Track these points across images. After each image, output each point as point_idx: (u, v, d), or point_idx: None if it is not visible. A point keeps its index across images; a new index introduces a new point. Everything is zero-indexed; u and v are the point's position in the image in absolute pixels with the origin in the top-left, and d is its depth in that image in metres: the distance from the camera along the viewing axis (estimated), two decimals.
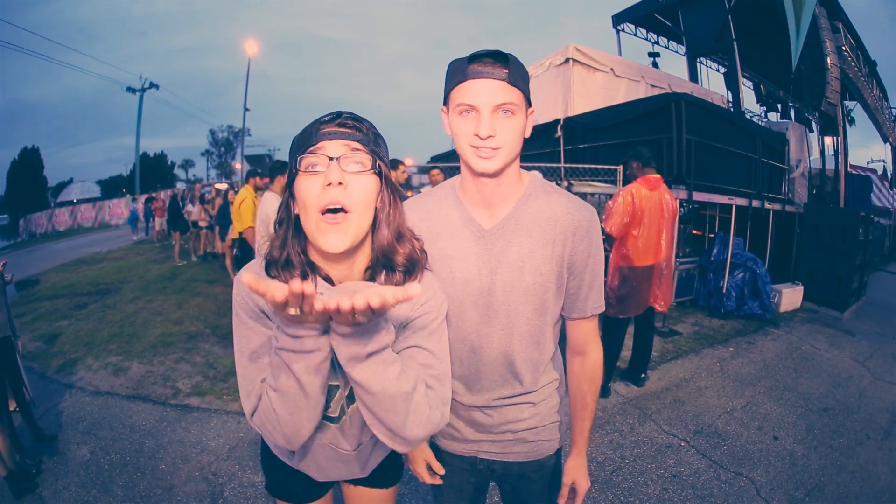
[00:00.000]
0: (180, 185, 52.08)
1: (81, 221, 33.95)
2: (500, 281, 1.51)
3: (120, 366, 6.05)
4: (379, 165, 1.26)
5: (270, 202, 5.34)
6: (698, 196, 7.04)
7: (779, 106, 17.92)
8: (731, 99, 14.21)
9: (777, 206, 8.61)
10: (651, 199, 4.48)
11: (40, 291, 11.21)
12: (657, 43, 17.60)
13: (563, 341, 1.72)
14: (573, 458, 1.72)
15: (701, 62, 16.43)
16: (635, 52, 17.69)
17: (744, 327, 6.54)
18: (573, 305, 1.59)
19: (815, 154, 13.55)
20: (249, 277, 0.94)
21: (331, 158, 1.19)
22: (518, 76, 1.35)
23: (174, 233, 14.16)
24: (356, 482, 1.74)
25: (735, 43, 13.13)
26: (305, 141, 1.23)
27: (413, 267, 1.34)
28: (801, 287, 7.67)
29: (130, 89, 36.27)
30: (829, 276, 7.65)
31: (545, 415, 1.69)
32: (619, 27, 17.41)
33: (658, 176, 4.60)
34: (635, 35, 17.53)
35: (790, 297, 7.42)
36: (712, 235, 7.93)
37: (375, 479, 1.72)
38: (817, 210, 8.81)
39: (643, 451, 3.75)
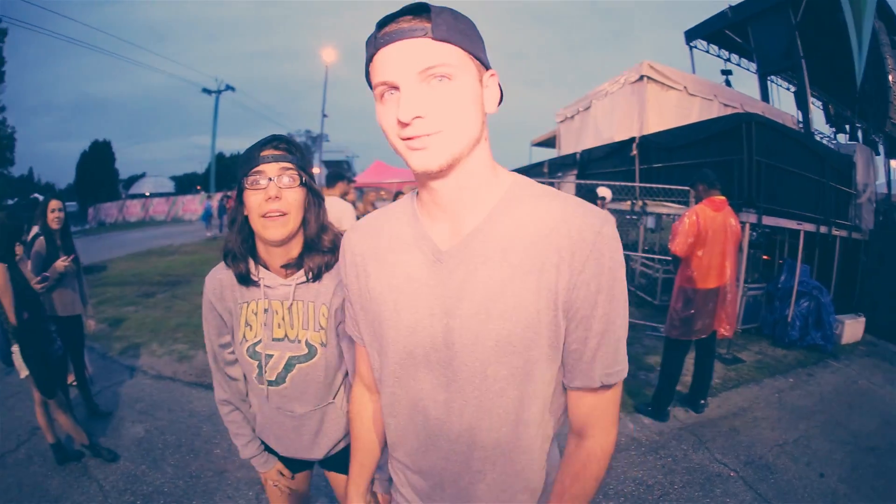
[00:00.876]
0: None
1: (153, 214, 35.33)
2: (459, 328, 1.05)
3: (185, 354, 6.39)
4: (305, 180, 1.63)
5: (335, 206, 5.58)
6: (768, 220, 6.92)
7: (847, 127, 17.21)
8: (800, 119, 13.89)
9: (843, 233, 8.34)
10: (715, 221, 4.54)
11: (107, 277, 11.82)
12: (729, 60, 17.23)
13: None
14: None
15: (772, 80, 16.00)
16: (709, 69, 17.46)
17: (805, 358, 6.40)
18: (574, 367, 1.08)
19: (882, 178, 13.12)
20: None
21: (270, 179, 1.55)
22: (450, 29, 0.95)
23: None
24: (330, 466, 1.98)
25: (803, 60, 12.71)
26: (249, 162, 1.57)
27: (336, 248, 1.69)
28: (864, 318, 7.36)
29: (206, 90, 37.42)
30: (893, 308, 7.37)
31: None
32: (691, 43, 17.13)
33: (723, 198, 4.65)
34: (707, 52, 17.21)
35: (852, 328, 7.16)
36: (781, 261, 7.74)
37: (344, 463, 1.70)
38: (883, 237, 8.47)
39: (693, 479, 3.79)
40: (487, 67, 1.03)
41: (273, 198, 1.55)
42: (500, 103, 1.07)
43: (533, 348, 1.04)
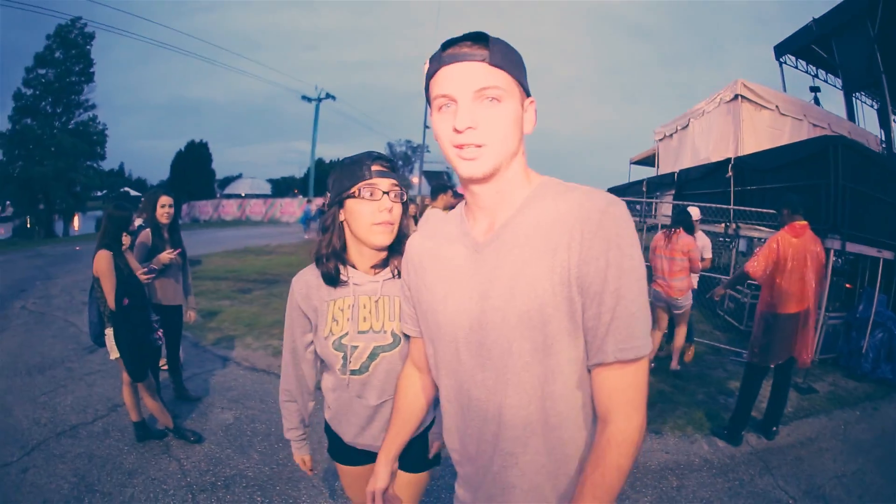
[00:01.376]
0: None
1: (250, 215, 36.29)
2: (491, 309, 1.18)
3: (280, 349, 6.57)
4: (405, 197, 1.82)
5: (435, 217, 5.77)
6: (851, 247, 6.75)
7: None
8: (883, 138, 13.44)
9: None
10: (796, 247, 4.54)
11: (202, 272, 12.07)
12: (817, 76, 16.76)
13: None
14: None
15: (857, 97, 15.49)
16: (799, 86, 17.05)
17: (874, 392, 6.22)
18: (591, 344, 1.14)
19: None
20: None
21: (384, 192, 1.73)
22: (503, 58, 1.12)
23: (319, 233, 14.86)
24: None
25: (884, 76, 12.28)
26: (360, 174, 1.73)
27: None
28: None
29: (306, 98, 38.29)
30: None
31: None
32: (781, 59, 16.74)
33: (805, 223, 4.64)
34: (796, 67, 16.77)
35: None
36: (861, 291, 7.43)
37: (406, 461, 1.85)
38: None
39: (754, 503, 3.86)
40: (528, 94, 1.21)
41: (387, 210, 1.73)
42: (534, 126, 1.23)
43: (551, 323, 1.12)
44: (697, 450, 4.62)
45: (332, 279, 1.84)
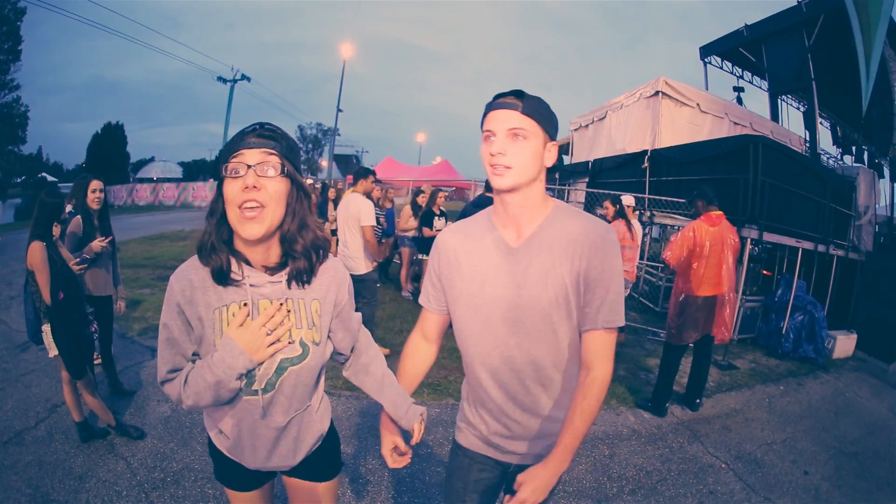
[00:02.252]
0: None
1: (163, 199, 34.83)
2: (525, 295, 1.65)
3: None
4: (288, 170, 1.50)
5: (354, 202, 5.74)
6: (768, 237, 7.23)
7: (853, 149, 17.52)
8: (808, 139, 14.17)
9: (841, 252, 8.65)
10: (712, 235, 4.89)
11: (121, 259, 11.14)
12: (742, 77, 17.47)
13: None
14: (540, 465, 1.61)
15: (783, 99, 16.28)
16: (721, 85, 17.72)
17: (797, 369, 6.71)
18: (585, 317, 1.65)
19: (885, 201, 13.51)
20: None
21: (249, 166, 1.43)
22: (533, 109, 1.55)
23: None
24: (292, 473, 1.85)
25: (814, 83, 13.02)
26: (231, 148, 1.47)
27: (316, 251, 1.61)
28: (855, 335, 7.69)
29: (221, 79, 37.20)
30: (883, 327, 7.62)
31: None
32: (706, 59, 17.40)
33: (720, 213, 5.02)
34: (721, 68, 17.43)
35: (844, 344, 7.47)
36: (779, 277, 8.03)
37: (311, 471, 1.85)
38: (879, 259, 8.82)
39: (687, 468, 4.10)
40: (552, 139, 1.64)
41: (250, 187, 1.43)
42: (556, 162, 1.68)
43: (569, 304, 1.64)
44: (624, 421, 4.91)
45: (223, 276, 1.53)
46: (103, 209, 4.58)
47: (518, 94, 1.59)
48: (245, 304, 1.54)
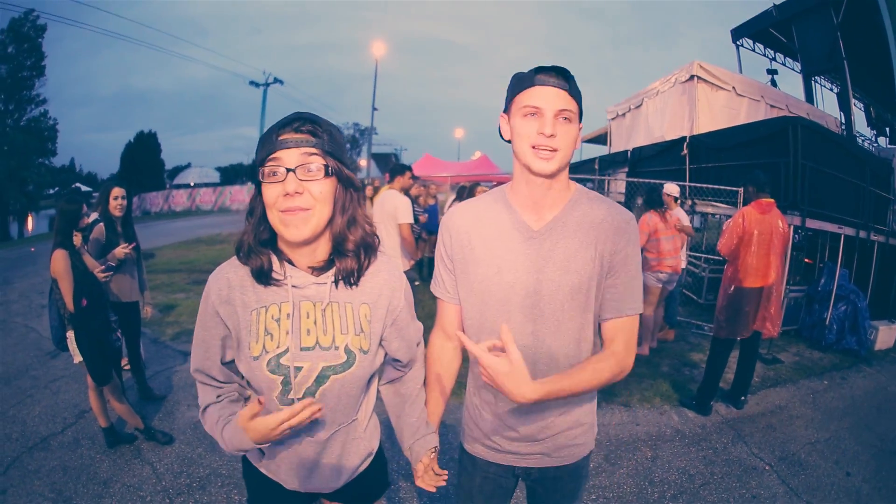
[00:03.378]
0: None
1: (200, 204, 35.63)
2: (546, 280, 1.57)
3: None
4: (332, 169, 1.36)
5: (390, 199, 5.64)
6: (811, 223, 7.00)
7: (887, 130, 17.07)
8: (843, 121, 13.76)
9: (881, 238, 8.27)
10: (762, 223, 4.66)
11: (156, 265, 11.70)
12: (774, 59, 17.04)
13: None
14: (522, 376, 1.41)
15: (816, 81, 15.84)
16: (755, 68, 17.34)
17: (840, 362, 6.47)
18: (609, 305, 1.60)
19: None
20: None
21: (288, 170, 1.30)
22: (576, 91, 1.50)
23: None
24: (334, 497, 1.69)
25: (845, 62, 12.64)
26: (266, 147, 1.32)
27: (365, 250, 1.49)
28: None
29: (254, 83, 37.57)
30: None
31: (582, 417, 1.74)
32: (738, 42, 17.00)
33: (771, 200, 4.76)
34: (753, 51, 17.00)
35: (886, 335, 7.13)
36: (822, 265, 7.72)
37: (355, 494, 1.71)
38: None
39: (731, 470, 3.93)
40: (581, 121, 1.56)
41: (292, 193, 1.31)
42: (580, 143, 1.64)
43: (590, 290, 1.58)
44: (668, 421, 4.73)
45: (264, 276, 1.44)
46: (126, 216, 4.61)
47: (564, 72, 1.50)
48: (260, 402, 1.34)
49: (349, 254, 1.46)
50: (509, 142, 1.59)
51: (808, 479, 3.89)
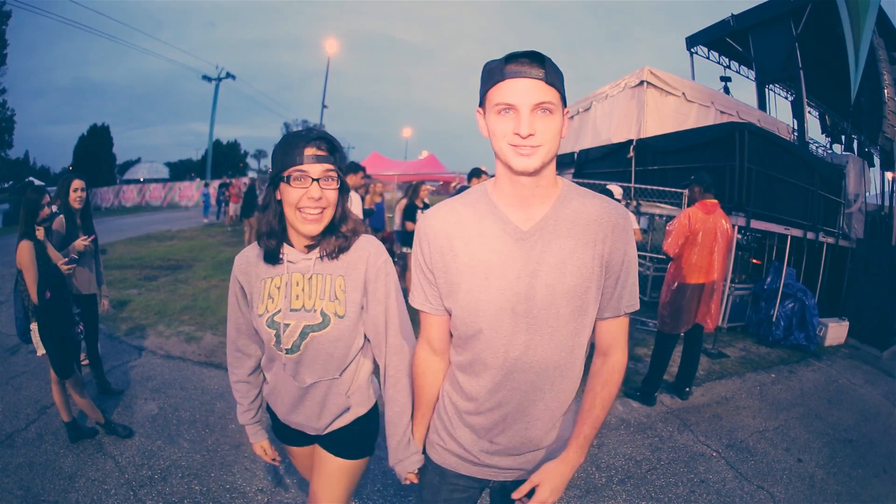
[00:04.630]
0: (252, 174, 53.53)
1: (150, 200, 34.97)
2: (540, 284, 1.47)
3: (192, 335, 6.47)
4: (343, 181, 1.80)
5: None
6: (756, 224, 7.22)
7: (842, 138, 17.49)
8: (796, 128, 14.19)
9: (831, 240, 8.65)
10: (706, 222, 4.87)
11: (108, 260, 11.31)
12: (729, 67, 17.44)
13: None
14: (557, 461, 1.59)
15: (770, 89, 16.22)
16: (708, 75, 17.68)
17: (788, 357, 6.72)
18: (607, 304, 1.55)
19: (875, 189, 13.47)
20: None
21: (314, 180, 1.68)
22: (554, 76, 1.35)
23: (246, 220, 14.52)
24: (322, 444, 2.05)
25: (801, 71, 12.97)
26: (291, 157, 1.67)
27: (353, 234, 1.87)
28: (847, 323, 7.68)
29: (206, 77, 36.98)
30: (875, 314, 7.65)
31: (565, 431, 1.67)
32: (692, 49, 17.35)
33: (715, 201, 4.98)
34: (708, 58, 17.35)
35: (835, 331, 7.47)
36: (769, 265, 8.01)
37: (338, 447, 2.02)
38: (869, 246, 8.78)
39: (678, 456, 4.09)
40: (565, 106, 1.44)
41: (315, 198, 1.69)
42: (567, 131, 1.48)
43: (587, 293, 1.49)
44: (613, 410, 4.82)
45: (273, 256, 1.85)
46: (86, 208, 4.56)
47: (538, 58, 1.36)
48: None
49: (339, 235, 1.83)
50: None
51: (757, 465, 4.07)
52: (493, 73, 1.39)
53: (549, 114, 1.37)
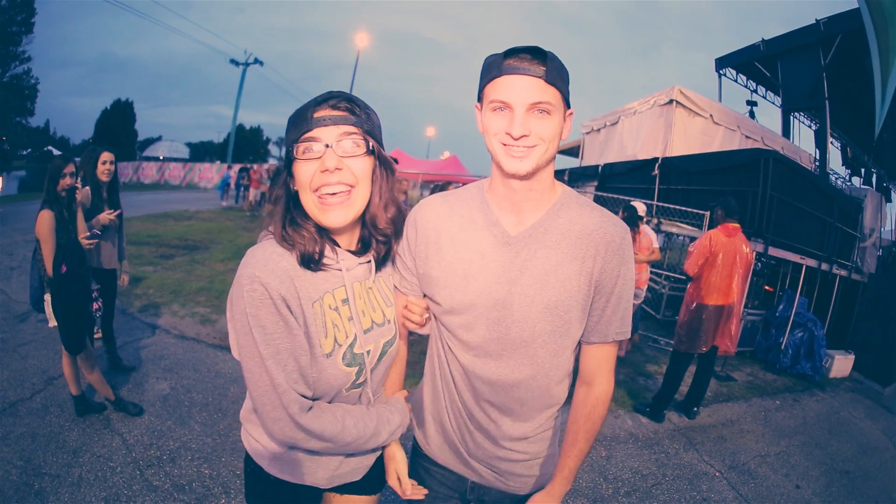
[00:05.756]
0: (273, 161, 53.53)
1: (169, 178, 34.98)
2: (518, 293, 1.37)
3: (207, 317, 6.42)
4: (373, 146, 1.31)
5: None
6: (774, 251, 7.23)
7: (862, 171, 17.53)
8: (818, 158, 14.18)
9: (844, 273, 8.64)
10: (727, 246, 4.90)
11: (125, 236, 11.61)
12: (756, 91, 17.49)
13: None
14: (543, 493, 1.53)
15: (795, 116, 16.31)
16: (734, 98, 17.70)
17: (793, 385, 6.73)
18: (594, 328, 1.43)
19: (890, 225, 13.46)
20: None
21: (327, 146, 1.24)
22: (556, 75, 1.25)
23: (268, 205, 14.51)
24: (344, 489, 1.60)
25: (827, 102, 13.05)
26: (300, 125, 1.25)
27: (398, 232, 1.50)
28: (853, 356, 7.63)
29: (234, 62, 36.96)
30: (880, 350, 7.61)
31: (540, 449, 1.56)
32: (721, 71, 17.42)
33: (737, 225, 5.01)
34: (735, 81, 17.43)
35: (841, 363, 7.45)
36: (781, 293, 8.00)
37: (364, 484, 1.62)
38: (881, 281, 8.78)
39: (682, 474, 4.13)
40: (569, 107, 1.35)
41: (331, 170, 1.25)
42: (569, 134, 1.40)
43: (570, 311, 1.38)
44: (622, 424, 4.92)
45: (315, 261, 1.33)
46: (113, 182, 4.54)
47: (539, 54, 1.26)
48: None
49: (380, 236, 1.44)
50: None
51: (757, 488, 4.10)
52: (491, 68, 1.30)
53: (546, 115, 1.28)
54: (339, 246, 1.39)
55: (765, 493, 4.06)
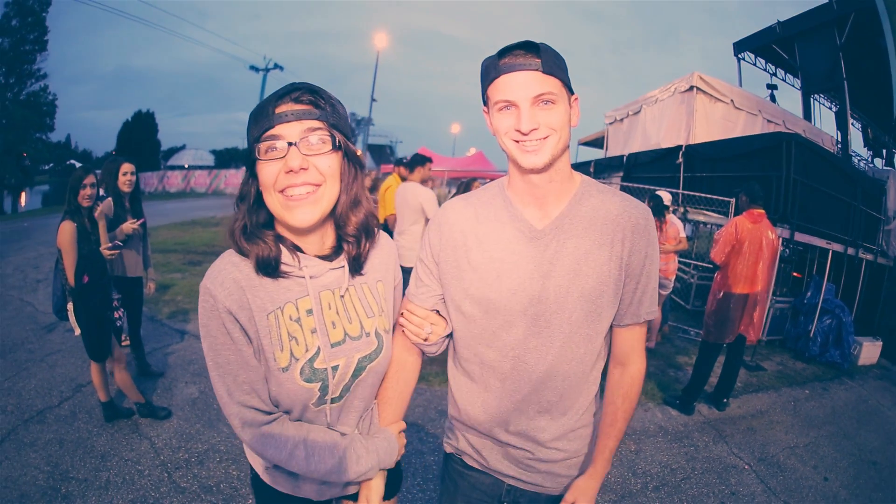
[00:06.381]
0: None
1: (194, 186, 35.31)
2: (553, 286, 1.38)
3: None
4: (339, 142, 1.23)
5: (413, 191, 5.61)
6: (800, 237, 7.13)
7: (884, 151, 17.18)
8: (839, 140, 13.96)
9: (870, 257, 8.46)
10: (753, 232, 4.81)
11: (151, 245, 11.41)
12: (775, 75, 17.25)
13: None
14: (585, 477, 1.54)
15: (815, 98, 16.05)
16: (755, 82, 17.49)
17: (822, 373, 6.62)
18: (626, 310, 1.45)
19: None
20: None
21: (290, 144, 1.16)
22: (553, 64, 1.27)
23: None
24: (354, 497, 1.48)
25: (845, 82, 12.86)
26: (261, 122, 1.17)
27: (366, 233, 1.37)
28: (881, 343, 7.44)
29: (254, 68, 37.21)
30: None
31: (580, 447, 1.56)
32: (739, 55, 17.20)
33: (762, 211, 4.92)
34: (755, 65, 17.21)
35: (869, 351, 7.27)
36: (809, 279, 7.85)
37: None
38: None
39: (711, 467, 4.08)
40: (572, 92, 1.37)
41: (295, 170, 1.17)
42: (578, 119, 1.41)
43: (603, 297, 1.40)
44: (652, 417, 4.88)
45: (272, 267, 1.25)
46: (135, 192, 4.59)
47: (532, 47, 1.28)
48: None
49: (350, 238, 1.34)
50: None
51: (786, 481, 4.03)
52: (489, 70, 1.33)
53: (551, 105, 1.29)
54: (301, 251, 1.30)
55: (793, 485, 3.99)
